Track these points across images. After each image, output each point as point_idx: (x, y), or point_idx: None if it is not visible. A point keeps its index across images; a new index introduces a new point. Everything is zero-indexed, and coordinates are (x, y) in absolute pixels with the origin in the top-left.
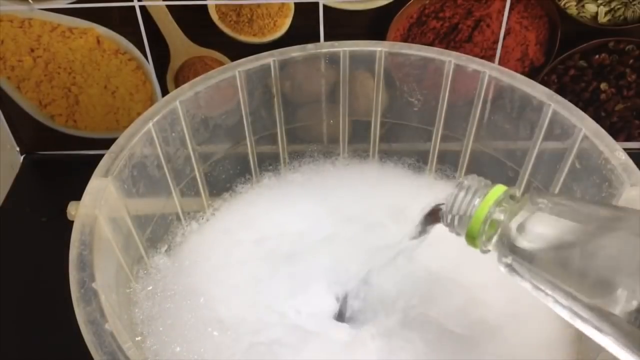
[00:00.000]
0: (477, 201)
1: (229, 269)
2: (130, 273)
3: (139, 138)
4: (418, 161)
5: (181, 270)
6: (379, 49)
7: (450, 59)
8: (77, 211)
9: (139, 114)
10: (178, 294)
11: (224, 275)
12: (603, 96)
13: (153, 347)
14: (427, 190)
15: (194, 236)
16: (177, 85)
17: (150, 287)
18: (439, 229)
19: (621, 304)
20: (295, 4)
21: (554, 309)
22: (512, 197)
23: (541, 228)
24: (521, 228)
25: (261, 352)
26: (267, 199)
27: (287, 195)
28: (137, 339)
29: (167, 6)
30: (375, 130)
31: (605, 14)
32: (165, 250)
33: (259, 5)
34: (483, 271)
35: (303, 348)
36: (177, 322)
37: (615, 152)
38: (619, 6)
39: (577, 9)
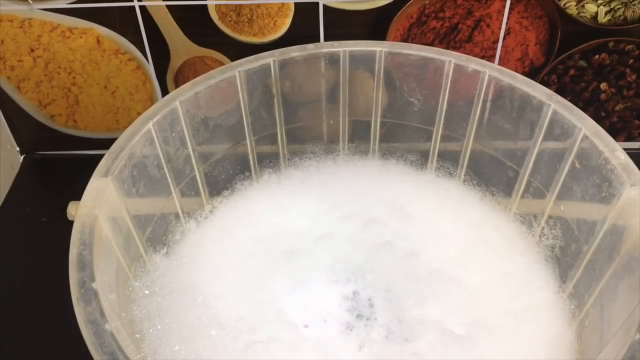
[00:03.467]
0: None
1: (228, 266)
2: (130, 272)
3: (139, 138)
4: (420, 158)
5: (180, 268)
6: (379, 49)
7: (450, 59)
8: (77, 211)
9: (139, 114)
10: (176, 292)
11: (222, 273)
12: (603, 96)
13: (151, 345)
14: (428, 187)
15: (193, 234)
16: (177, 85)
17: (149, 285)
18: (440, 227)
19: None
20: (295, 4)
21: None
22: None
23: None
24: None
25: (258, 350)
26: (267, 196)
27: (287, 192)
28: (136, 336)
29: (167, 6)
30: (375, 130)
31: (605, 14)
32: (164, 249)
33: (259, 5)
34: (483, 270)
35: (301, 346)
36: (176, 320)
37: (615, 152)
38: (619, 6)
39: (577, 9)
